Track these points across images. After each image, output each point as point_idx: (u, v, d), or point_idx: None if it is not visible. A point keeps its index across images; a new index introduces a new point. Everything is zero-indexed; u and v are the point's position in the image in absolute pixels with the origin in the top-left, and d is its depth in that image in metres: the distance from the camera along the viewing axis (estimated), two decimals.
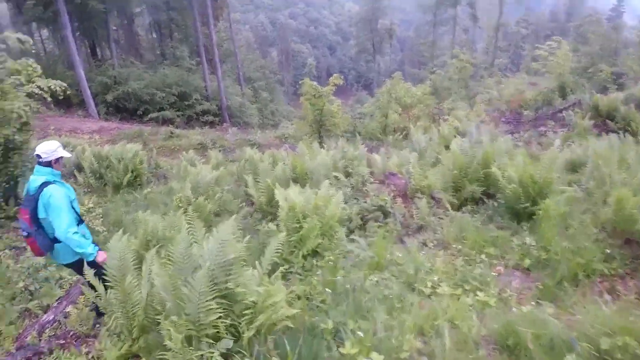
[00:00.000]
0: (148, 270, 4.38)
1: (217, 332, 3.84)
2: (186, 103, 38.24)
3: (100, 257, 5.07)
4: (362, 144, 15.10)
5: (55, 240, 5.11)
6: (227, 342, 3.78)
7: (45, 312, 6.53)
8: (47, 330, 6.01)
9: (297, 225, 6.72)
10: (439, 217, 8.19)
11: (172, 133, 27.68)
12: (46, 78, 10.80)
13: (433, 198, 8.95)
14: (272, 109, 51.74)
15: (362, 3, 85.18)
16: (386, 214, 8.14)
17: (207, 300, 3.76)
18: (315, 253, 6.54)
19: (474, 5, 64.93)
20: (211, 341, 3.77)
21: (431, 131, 17.19)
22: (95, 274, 4.57)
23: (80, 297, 6.48)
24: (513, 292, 5.35)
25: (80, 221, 5.33)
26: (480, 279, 5.57)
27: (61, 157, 5.24)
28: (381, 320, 4.37)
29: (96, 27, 41.61)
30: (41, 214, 4.96)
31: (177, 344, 3.60)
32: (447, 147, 12.45)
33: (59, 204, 4.90)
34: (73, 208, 5.19)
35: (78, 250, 4.97)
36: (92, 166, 13.38)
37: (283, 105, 60.00)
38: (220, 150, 20.71)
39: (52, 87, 10.88)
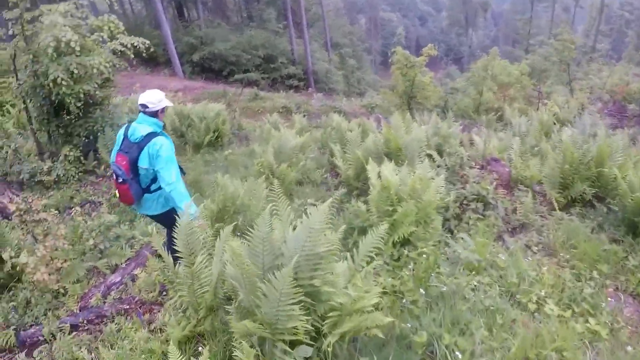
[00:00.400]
0: (221, 250, 3.88)
1: (295, 334, 3.23)
2: (272, 66, 37.90)
3: (197, 223, 4.61)
4: (455, 122, 13.89)
5: (146, 190, 5.02)
6: (306, 350, 3.23)
7: (112, 273, 6.27)
8: (113, 292, 5.80)
9: (390, 209, 5.78)
10: (542, 216, 7.14)
11: (256, 95, 27.40)
12: (119, 64, 10.88)
13: (535, 192, 7.80)
14: (359, 77, 50.43)
15: None
16: (487, 205, 6.95)
17: (289, 304, 3.08)
18: (407, 242, 5.64)
19: None
20: (287, 349, 3.21)
21: (529, 115, 15.54)
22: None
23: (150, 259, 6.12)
24: (626, 324, 4.51)
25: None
26: (592, 302, 4.72)
27: (166, 107, 5.07)
28: (481, 339, 3.89)
29: None
30: (143, 163, 4.81)
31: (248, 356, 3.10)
32: (546, 135, 11.53)
33: (169, 155, 4.81)
34: None
35: (180, 205, 4.70)
36: (173, 124, 12.91)
37: (370, 74, 58.47)
38: (304, 115, 19.85)
39: (135, 44, 10.60)
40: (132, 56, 10.77)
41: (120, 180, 4.79)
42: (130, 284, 5.86)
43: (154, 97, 4.84)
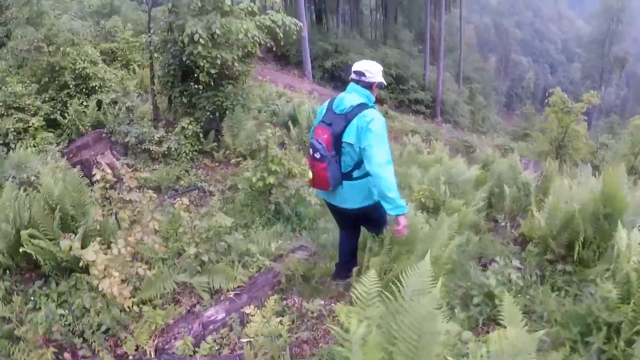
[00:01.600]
0: None
1: None
2: (401, 87, 36.18)
3: (403, 222, 3.90)
4: None
5: (346, 177, 3.99)
6: None
7: (212, 303, 4.36)
8: (209, 336, 3.90)
9: None
10: None
11: (386, 112, 25.48)
12: (266, 41, 9.24)
13: None
14: (484, 115, 47.68)
15: (595, 23, 74.86)
16: None
17: None
18: None
19: None
20: None
21: None
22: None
23: (270, 295, 4.30)
24: None
25: None
26: None
27: (381, 84, 4.05)
28: None
29: None
30: (349, 138, 3.82)
31: None
32: None
33: (382, 132, 3.77)
34: None
35: (388, 193, 3.72)
36: (309, 122, 11.00)
37: (494, 114, 55.40)
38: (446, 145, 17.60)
39: (287, 23, 9.20)
40: (272, 43, 9.42)
41: (318, 155, 3.86)
42: (238, 328, 3.93)
43: (373, 67, 3.94)
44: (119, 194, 4.22)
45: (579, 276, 4.89)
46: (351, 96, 3.90)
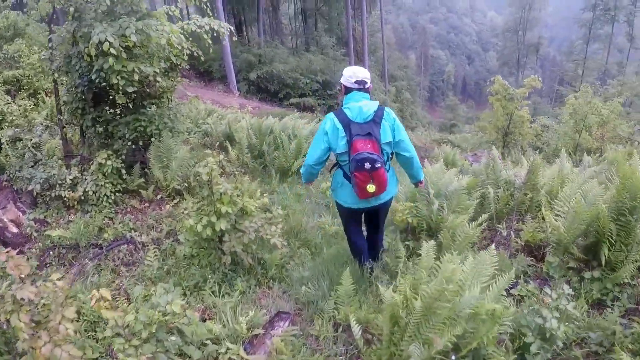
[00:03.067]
0: None
1: None
2: (329, 92, 34.81)
3: (424, 180, 4.70)
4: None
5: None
6: None
7: None
8: None
9: None
10: None
11: (319, 119, 24.09)
12: (192, 49, 7.61)
13: None
14: (412, 111, 47.30)
15: (508, 12, 78.71)
16: None
17: None
18: None
19: (632, 23, 56.19)
20: None
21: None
22: None
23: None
24: None
25: None
26: None
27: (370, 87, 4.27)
28: None
29: (245, 6, 40.54)
30: (386, 138, 4.02)
31: None
32: None
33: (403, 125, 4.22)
34: None
35: (421, 169, 4.48)
36: (250, 140, 9.36)
37: (420, 109, 55.57)
38: None
39: (215, 27, 7.47)
40: (199, 52, 7.74)
41: (379, 165, 3.88)
42: None
43: (368, 73, 4.21)
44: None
45: (612, 281, 4.31)
46: (365, 103, 4.07)
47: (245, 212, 4.91)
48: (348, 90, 4.16)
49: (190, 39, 7.46)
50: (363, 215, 4.69)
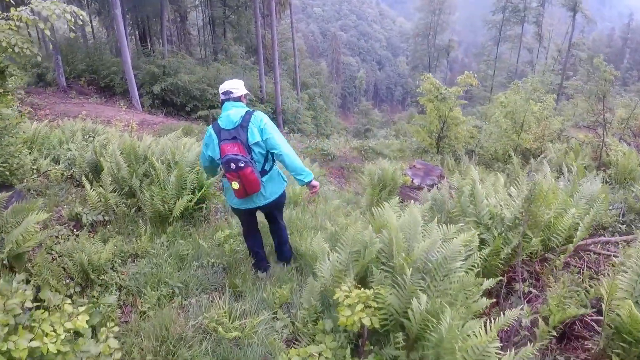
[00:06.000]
0: None
1: None
2: None
3: (315, 183, 4.59)
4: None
5: (263, 173, 4.52)
6: None
7: None
8: None
9: None
10: None
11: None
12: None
13: None
14: (326, 118, 45.55)
15: (417, 18, 78.90)
16: None
17: None
18: None
19: (540, 24, 57.59)
20: None
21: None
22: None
23: None
24: None
25: None
26: None
27: (247, 94, 4.77)
28: None
29: (149, 16, 37.79)
30: (254, 139, 4.36)
31: None
32: None
33: (273, 124, 4.53)
34: None
35: (298, 164, 4.45)
36: (115, 172, 6.59)
37: (333, 116, 54.02)
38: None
39: (59, 13, 5.01)
40: (34, 51, 5.19)
41: (242, 164, 4.22)
42: None
43: (236, 84, 4.62)
44: None
45: None
46: (234, 111, 4.44)
47: None
48: (222, 102, 4.58)
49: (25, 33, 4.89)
50: (255, 217, 4.89)
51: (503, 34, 59.81)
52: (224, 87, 4.57)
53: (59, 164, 8.45)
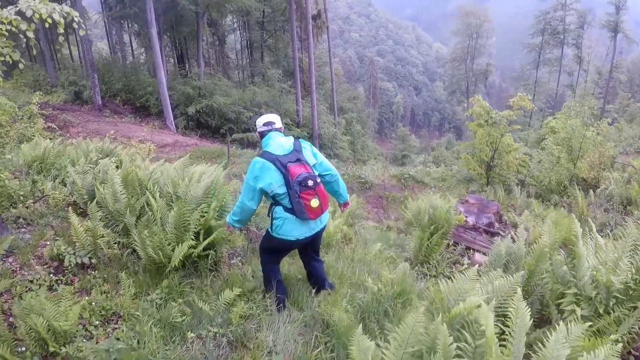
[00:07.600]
0: None
1: None
2: None
3: (349, 203, 4.82)
4: None
5: None
6: None
7: None
8: None
9: None
10: None
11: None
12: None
13: None
14: (363, 144, 44.16)
15: (454, 42, 77.34)
16: None
17: None
18: None
19: (580, 46, 55.67)
20: None
21: None
22: None
23: None
24: None
25: None
26: None
27: (281, 128, 4.58)
28: None
29: (186, 37, 37.47)
30: (310, 160, 4.26)
31: None
32: None
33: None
34: None
35: (345, 189, 4.59)
36: (111, 203, 5.43)
37: (370, 141, 52.87)
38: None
39: (48, 11, 4.33)
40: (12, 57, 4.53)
41: (318, 180, 4.13)
42: None
43: (275, 117, 4.49)
44: None
45: None
46: (283, 139, 4.30)
47: None
48: (262, 135, 4.42)
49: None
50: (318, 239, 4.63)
51: (542, 57, 58.13)
52: (267, 118, 4.46)
53: (66, 186, 7.40)
